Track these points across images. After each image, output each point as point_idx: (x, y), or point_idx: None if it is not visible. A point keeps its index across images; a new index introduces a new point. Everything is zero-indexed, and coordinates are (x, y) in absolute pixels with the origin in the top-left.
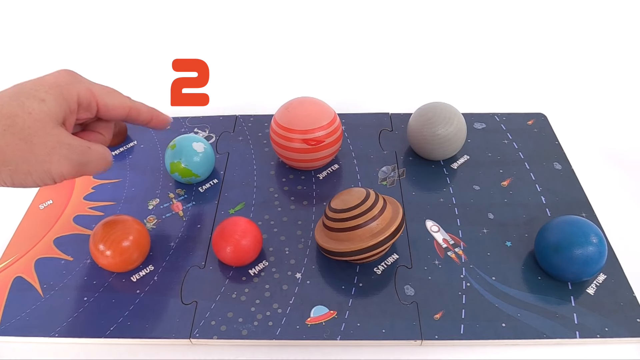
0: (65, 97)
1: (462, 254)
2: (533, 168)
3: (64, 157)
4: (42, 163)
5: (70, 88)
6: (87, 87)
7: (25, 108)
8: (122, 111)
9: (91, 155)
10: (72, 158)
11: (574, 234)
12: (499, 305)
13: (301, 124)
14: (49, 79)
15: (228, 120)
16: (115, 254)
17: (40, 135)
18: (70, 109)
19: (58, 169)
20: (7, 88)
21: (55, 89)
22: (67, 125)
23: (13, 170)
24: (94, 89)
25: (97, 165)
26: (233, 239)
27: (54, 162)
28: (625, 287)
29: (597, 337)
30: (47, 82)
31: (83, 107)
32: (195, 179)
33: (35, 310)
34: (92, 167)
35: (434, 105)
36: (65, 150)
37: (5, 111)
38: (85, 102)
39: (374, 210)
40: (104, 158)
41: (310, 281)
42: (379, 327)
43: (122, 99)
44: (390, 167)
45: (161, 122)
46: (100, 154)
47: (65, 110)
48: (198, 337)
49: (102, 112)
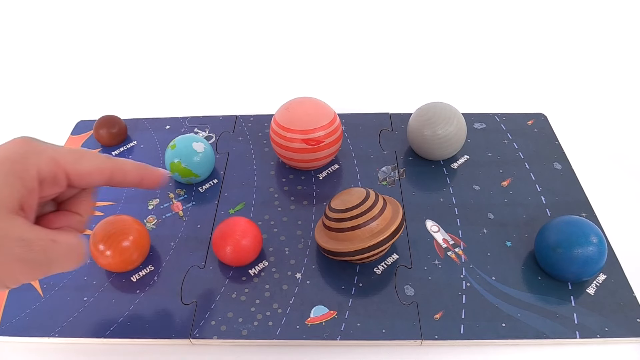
0: (20, 175)
1: (462, 254)
2: (533, 168)
3: (16, 257)
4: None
5: (26, 162)
6: (50, 157)
7: None
8: (102, 176)
9: (56, 251)
10: (29, 258)
11: (574, 234)
12: (499, 305)
13: (301, 124)
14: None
15: (228, 120)
16: (115, 254)
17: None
18: (27, 189)
19: (9, 273)
20: None
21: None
22: (27, 209)
23: None
24: (59, 157)
25: (65, 263)
26: (233, 239)
27: (2, 265)
28: (625, 287)
29: (597, 337)
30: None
31: (48, 182)
32: (195, 179)
33: (35, 310)
34: (57, 267)
35: (434, 105)
36: (17, 249)
37: None
38: (50, 175)
39: (374, 210)
40: (74, 252)
41: (310, 281)
42: (379, 327)
43: (99, 161)
44: (390, 167)
45: (154, 180)
46: (69, 247)
47: (19, 192)
48: (198, 337)
49: (76, 181)
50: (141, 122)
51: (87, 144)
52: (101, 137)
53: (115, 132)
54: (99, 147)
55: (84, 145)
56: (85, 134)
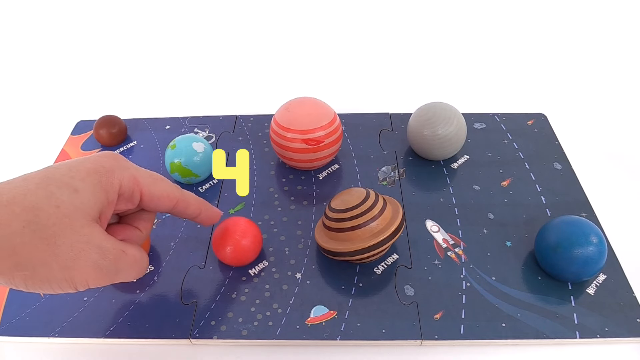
0: (105, 187)
1: (462, 254)
2: (533, 168)
3: (92, 263)
4: (64, 269)
5: (111, 176)
6: (132, 175)
7: (53, 200)
8: (169, 203)
9: (125, 261)
10: (102, 265)
11: (574, 234)
12: (499, 305)
13: (301, 124)
14: (87, 164)
15: (228, 120)
16: None
17: (67, 235)
18: (108, 201)
19: (83, 277)
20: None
21: (94, 177)
22: (103, 219)
23: (29, 276)
24: (139, 176)
25: (129, 273)
26: (233, 239)
27: (79, 269)
28: (625, 287)
29: (597, 337)
30: (85, 168)
31: (125, 197)
32: (195, 179)
33: (35, 310)
34: (122, 276)
35: (434, 105)
36: (95, 255)
37: (28, 202)
38: (128, 192)
39: (374, 210)
40: (139, 265)
41: (310, 281)
42: (379, 327)
43: (170, 189)
44: (390, 167)
45: (211, 217)
46: (135, 259)
47: (102, 203)
48: (198, 337)
49: (146, 202)
50: (141, 122)
51: (87, 144)
52: (101, 137)
53: (115, 132)
54: (99, 147)
55: (84, 146)
56: (85, 134)
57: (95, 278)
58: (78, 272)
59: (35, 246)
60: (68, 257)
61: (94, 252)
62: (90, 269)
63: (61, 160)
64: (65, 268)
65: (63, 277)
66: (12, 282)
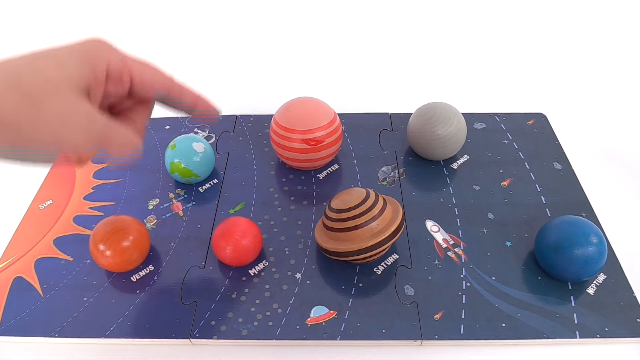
0: (91, 64)
1: (462, 254)
2: (533, 168)
3: (81, 128)
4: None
5: (98, 55)
6: (120, 57)
7: (37, 68)
8: (161, 87)
9: (117, 132)
10: (91, 131)
11: (574, 234)
12: (499, 305)
13: (301, 124)
14: (74, 45)
15: (228, 120)
16: (115, 254)
17: (53, 100)
18: (96, 78)
19: (71, 139)
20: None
21: (79, 54)
22: (92, 97)
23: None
24: (127, 59)
25: (121, 144)
26: (233, 239)
27: (67, 133)
28: (625, 287)
29: (597, 337)
30: (70, 46)
31: (113, 78)
32: (195, 179)
33: (35, 310)
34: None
35: (434, 105)
36: (83, 120)
37: (9, 70)
38: (116, 72)
39: (374, 210)
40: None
41: (310, 281)
42: (379, 327)
43: (162, 74)
44: (390, 167)
45: (208, 111)
46: (127, 132)
47: (89, 78)
48: (198, 337)
49: (137, 87)
50: None
51: None
52: None
53: None
54: None
55: None
56: None
57: (83, 142)
58: (66, 134)
59: (19, 106)
60: (54, 121)
61: (82, 118)
62: (79, 134)
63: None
64: (52, 129)
65: (50, 138)
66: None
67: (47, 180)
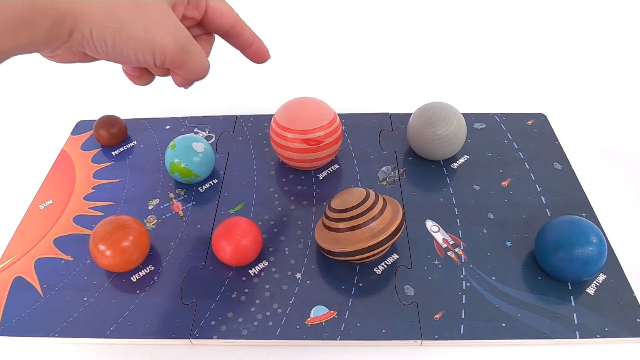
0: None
1: (462, 254)
2: (533, 168)
3: (170, 33)
4: (147, 30)
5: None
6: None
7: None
8: (229, 20)
9: (195, 46)
10: (178, 38)
11: (574, 234)
12: (499, 305)
13: (301, 124)
14: None
15: (228, 120)
16: (115, 254)
17: (151, 5)
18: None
19: (162, 41)
20: None
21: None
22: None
23: (118, 29)
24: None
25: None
26: (233, 239)
27: (159, 34)
28: (625, 287)
29: (597, 337)
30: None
31: (193, 1)
32: (195, 179)
33: (35, 310)
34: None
35: (434, 105)
36: (173, 27)
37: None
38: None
39: (373, 210)
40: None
41: (310, 281)
42: (379, 327)
43: (232, 9)
44: (390, 167)
45: (261, 51)
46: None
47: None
48: (198, 337)
49: (210, 14)
50: (141, 122)
51: (87, 144)
52: (101, 137)
53: (115, 132)
54: (99, 147)
55: (84, 146)
56: (85, 134)
57: (171, 47)
58: (158, 37)
59: (126, 3)
60: (152, 20)
61: (171, 25)
62: (169, 37)
63: (61, 161)
64: (148, 29)
65: (145, 37)
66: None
67: (47, 180)
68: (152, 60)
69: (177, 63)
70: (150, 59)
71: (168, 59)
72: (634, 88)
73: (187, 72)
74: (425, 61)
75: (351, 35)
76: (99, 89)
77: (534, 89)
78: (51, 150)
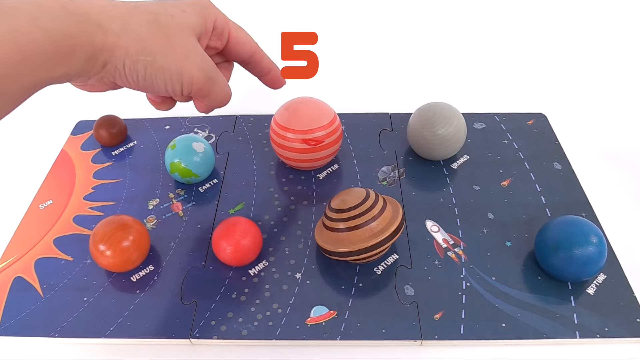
0: (204, 16)
1: (462, 254)
2: (533, 168)
3: (198, 64)
4: (177, 62)
5: (209, 10)
6: (224, 17)
7: (168, 11)
8: (249, 49)
9: (220, 77)
10: (205, 68)
11: (574, 234)
12: (499, 305)
13: (301, 124)
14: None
15: (228, 120)
16: (115, 254)
17: (180, 37)
18: (206, 29)
19: (190, 72)
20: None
21: (196, 6)
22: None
23: (150, 62)
24: (229, 21)
25: (220, 90)
26: (233, 239)
27: (188, 65)
28: (625, 287)
29: (597, 337)
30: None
31: (216, 32)
32: (195, 179)
33: (35, 310)
34: (217, 89)
35: (434, 105)
36: (199, 58)
37: (149, 7)
38: (220, 28)
39: (373, 211)
40: (227, 88)
41: (310, 281)
42: (379, 327)
43: (251, 38)
44: (390, 167)
45: (277, 80)
46: (225, 83)
47: (202, 27)
48: (198, 337)
49: (232, 44)
50: (141, 122)
51: (87, 144)
52: (101, 137)
53: (115, 132)
54: (99, 147)
55: (84, 146)
56: (85, 134)
57: (198, 78)
58: (186, 68)
59: (158, 37)
60: (181, 53)
61: (199, 56)
62: (196, 68)
63: (61, 161)
64: (178, 61)
65: (175, 69)
66: (134, 68)
67: (47, 180)
68: (180, 90)
69: (203, 92)
70: (178, 89)
71: (195, 89)
72: (633, 88)
73: (212, 100)
74: (425, 61)
75: (351, 36)
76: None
77: (534, 89)
78: (51, 150)
